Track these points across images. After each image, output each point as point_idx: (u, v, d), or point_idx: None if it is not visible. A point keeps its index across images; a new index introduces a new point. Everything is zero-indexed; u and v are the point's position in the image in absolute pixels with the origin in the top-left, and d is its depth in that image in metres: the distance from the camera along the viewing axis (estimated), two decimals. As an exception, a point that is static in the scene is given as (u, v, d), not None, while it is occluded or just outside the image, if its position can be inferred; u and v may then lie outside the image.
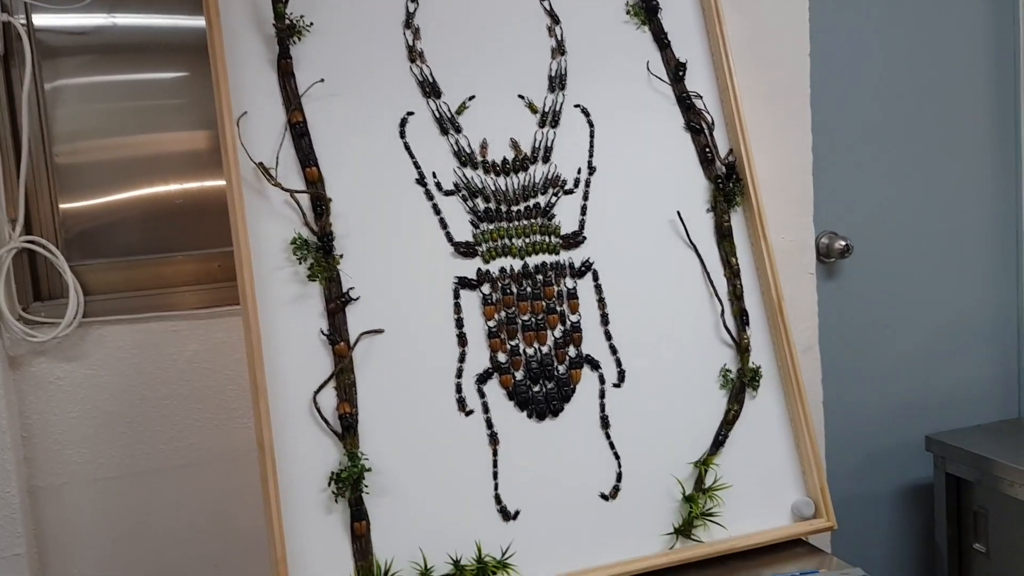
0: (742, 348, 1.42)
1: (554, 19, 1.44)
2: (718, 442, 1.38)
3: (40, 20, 1.45)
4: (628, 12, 1.48)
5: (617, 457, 1.33)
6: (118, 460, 1.48)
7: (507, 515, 1.26)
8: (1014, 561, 1.86)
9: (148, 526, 1.50)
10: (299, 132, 1.27)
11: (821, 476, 1.39)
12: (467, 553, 1.23)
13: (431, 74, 1.36)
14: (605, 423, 1.34)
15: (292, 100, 1.27)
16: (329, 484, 1.19)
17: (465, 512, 1.25)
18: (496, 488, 1.27)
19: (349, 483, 1.19)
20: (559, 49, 1.43)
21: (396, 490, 1.22)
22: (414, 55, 1.36)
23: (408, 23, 1.36)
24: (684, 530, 1.32)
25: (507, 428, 1.29)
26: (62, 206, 1.48)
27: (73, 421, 1.45)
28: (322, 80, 1.29)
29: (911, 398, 2.13)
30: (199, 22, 1.51)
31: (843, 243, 1.98)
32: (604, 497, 1.31)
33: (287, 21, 1.27)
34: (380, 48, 1.34)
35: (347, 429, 1.21)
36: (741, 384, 1.41)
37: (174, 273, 1.52)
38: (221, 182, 1.47)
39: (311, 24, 1.30)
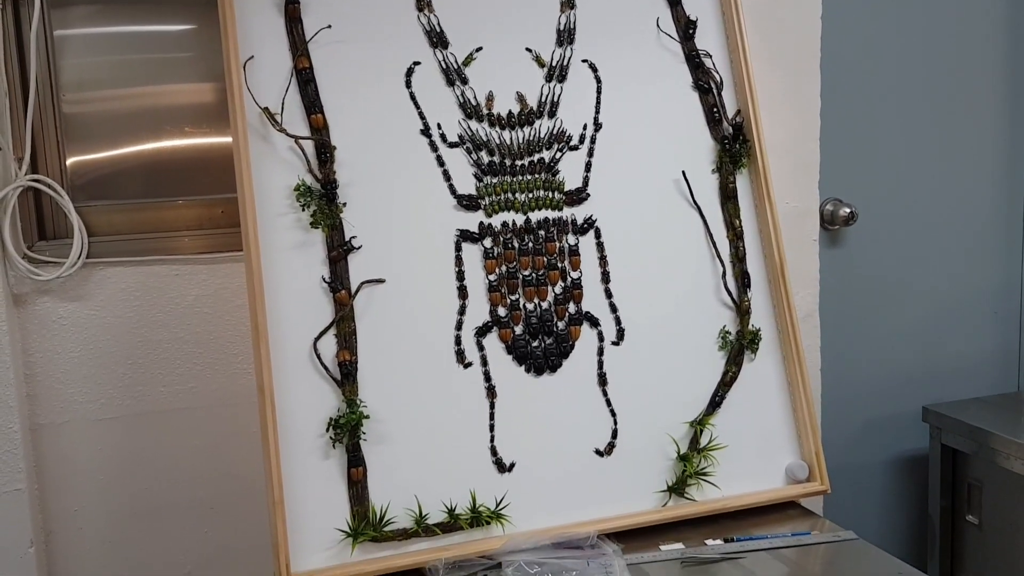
0: (742, 310, 1.42)
1: (565, -28, 1.43)
2: (715, 403, 1.39)
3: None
4: (640, -32, 1.47)
5: (613, 414, 1.34)
6: (119, 401, 1.49)
7: (502, 467, 1.28)
8: (1007, 533, 1.87)
9: (146, 466, 1.51)
10: (305, 78, 1.26)
11: (816, 440, 1.40)
12: (462, 502, 1.24)
13: (439, 24, 1.35)
14: (603, 380, 1.34)
15: (299, 46, 1.27)
16: (327, 430, 1.20)
17: (461, 462, 1.26)
18: (492, 440, 1.28)
19: (347, 429, 1.20)
20: (568, 3, 1.42)
21: (393, 438, 1.23)
22: (422, 4, 1.34)
23: (417, -29, 1.35)
24: (677, 488, 1.34)
25: (505, 382, 1.30)
26: (69, 152, 1.48)
27: (75, 360, 1.46)
28: (329, 26, 1.28)
29: (910, 369, 2.14)
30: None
31: (848, 210, 1.97)
32: (599, 453, 1.32)
33: (296, -35, 1.26)
34: (389, -4, 1.33)
35: (346, 376, 1.22)
36: (740, 346, 1.41)
37: (177, 217, 1.53)
38: (227, 139, 1.46)
39: (320, -31, 1.29)
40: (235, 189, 1.22)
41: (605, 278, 1.37)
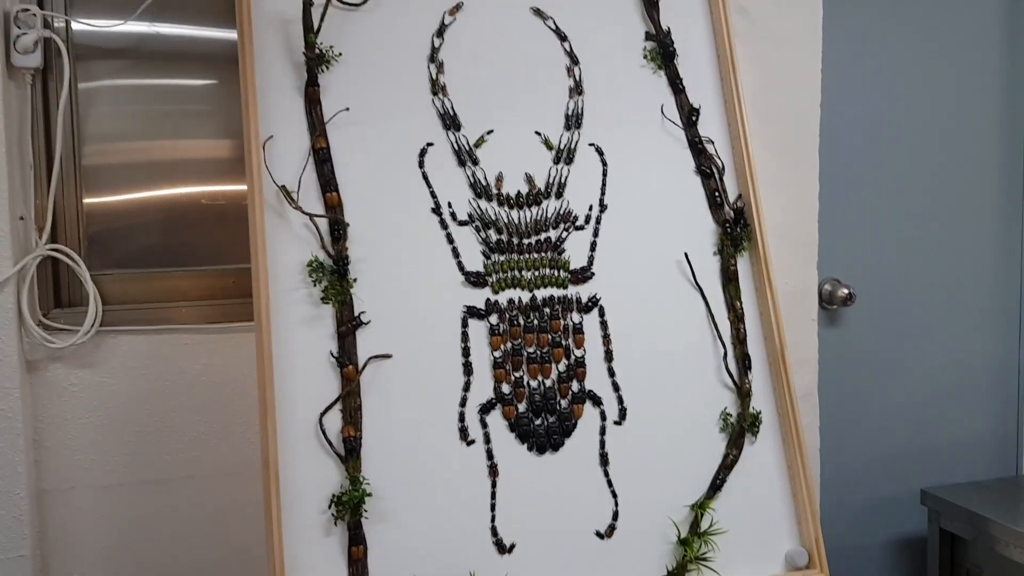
0: (743, 392, 1.43)
1: (573, 60, 1.47)
2: (715, 486, 1.39)
3: (80, 25, 1.50)
4: (645, 57, 1.51)
5: (615, 495, 1.34)
6: (124, 468, 1.50)
7: (503, 548, 1.28)
8: (1005, 619, 1.86)
9: (149, 534, 1.51)
10: (322, 158, 1.30)
11: (816, 526, 1.40)
12: (462, 582, 1.24)
13: (452, 107, 1.39)
14: (604, 460, 1.35)
15: (317, 126, 1.30)
16: (330, 506, 1.21)
17: (461, 543, 1.26)
18: (493, 520, 1.28)
19: (349, 507, 1.21)
20: (577, 89, 1.46)
21: (395, 517, 1.23)
22: (437, 88, 1.39)
23: (433, 57, 1.40)
24: (677, 573, 1.33)
25: (507, 460, 1.31)
26: (87, 201, 1.50)
27: (83, 427, 1.47)
28: (347, 109, 1.32)
29: (908, 450, 2.14)
30: (229, 34, 1.55)
31: (846, 291, 2.00)
32: (600, 535, 1.32)
33: (317, 51, 1.30)
34: (405, 80, 1.37)
35: (350, 452, 1.23)
36: (741, 429, 1.42)
37: (190, 287, 1.55)
38: (242, 186, 1.50)
39: (340, 54, 1.34)
40: (248, 259, 1.24)
41: (608, 357, 1.39)
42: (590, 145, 1.45)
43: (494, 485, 1.29)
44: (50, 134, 1.46)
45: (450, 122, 1.38)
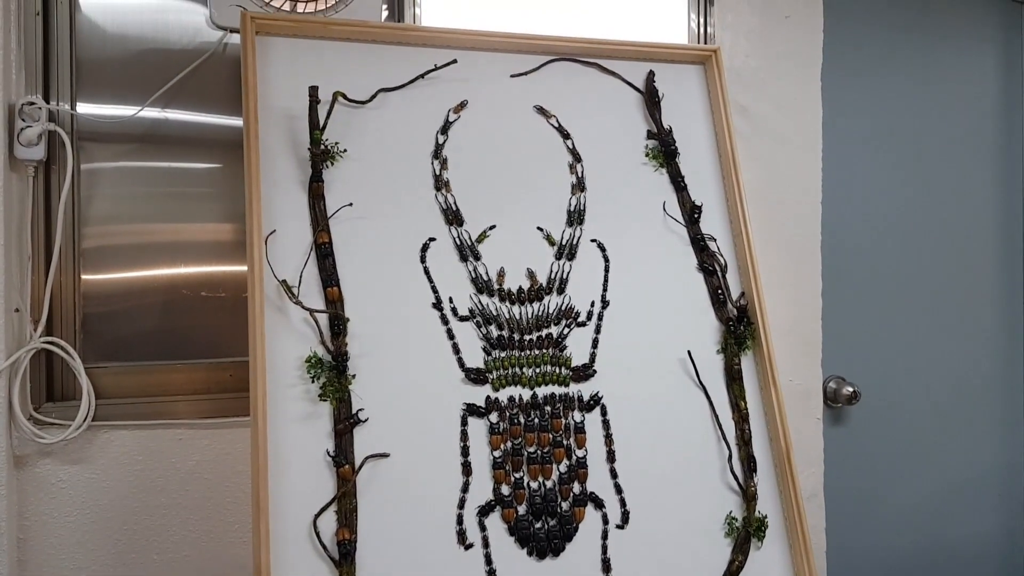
0: (749, 496, 1.40)
1: (576, 157, 1.48)
2: (720, 592, 1.35)
3: (84, 109, 1.51)
4: (647, 155, 1.53)
5: (617, 602, 1.30)
6: (110, 569, 1.45)
7: (501, 656, 1.23)
8: None
9: (132, 639, 1.46)
10: (324, 252, 1.30)
11: (824, 634, 1.36)
12: None
13: (455, 203, 1.39)
14: (606, 566, 1.31)
15: (320, 221, 1.30)
16: (322, 613, 1.17)
17: (458, 653, 1.21)
18: (491, 631, 1.24)
19: (342, 614, 1.16)
20: (579, 186, 1.47)
21: (389, 624, 1.19)
22: (440, 184, 1.40)
23: (437, 154, 1.41)
24: None
25: (506, 566, 1.27)
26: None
27: (71, 525, 1.43)
28: (351, 204, 1.33)
29: (915, 552, 2.09)
30: (235, 121, 1.57)
31: (851, 389, 1.98)
32: (601, 644, 1.28)
33: (322, 147, 1.31)
34: (409, 176, 1.38)
35: (344, 556, 1.19)
36: (747, 534, 1.38)
37: (186, 380, 1.53)
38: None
39: (345, 150, 1.35)
40: (246, 352, 1.23)
41: (610, 457, 1.36)
42: (592, 241, 1.45)
43: (493, 593, 1.25)
44: (50, 223, 1.46)
45: (452, 217, 1.39)
